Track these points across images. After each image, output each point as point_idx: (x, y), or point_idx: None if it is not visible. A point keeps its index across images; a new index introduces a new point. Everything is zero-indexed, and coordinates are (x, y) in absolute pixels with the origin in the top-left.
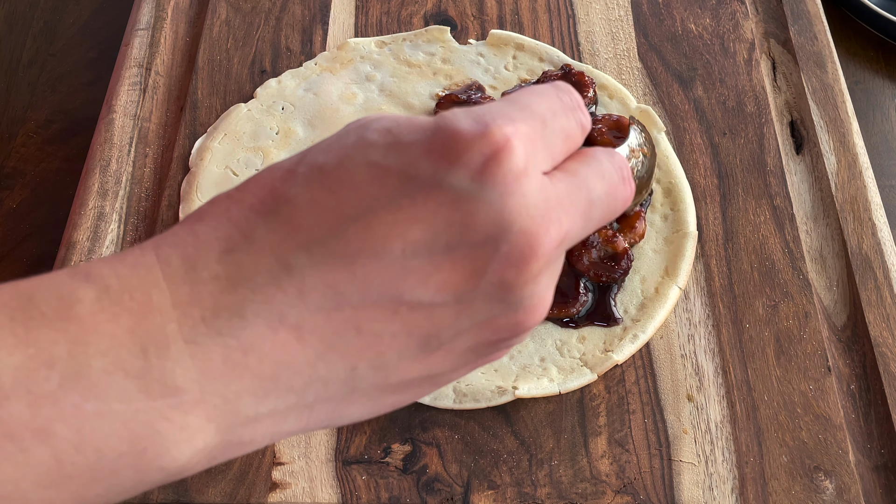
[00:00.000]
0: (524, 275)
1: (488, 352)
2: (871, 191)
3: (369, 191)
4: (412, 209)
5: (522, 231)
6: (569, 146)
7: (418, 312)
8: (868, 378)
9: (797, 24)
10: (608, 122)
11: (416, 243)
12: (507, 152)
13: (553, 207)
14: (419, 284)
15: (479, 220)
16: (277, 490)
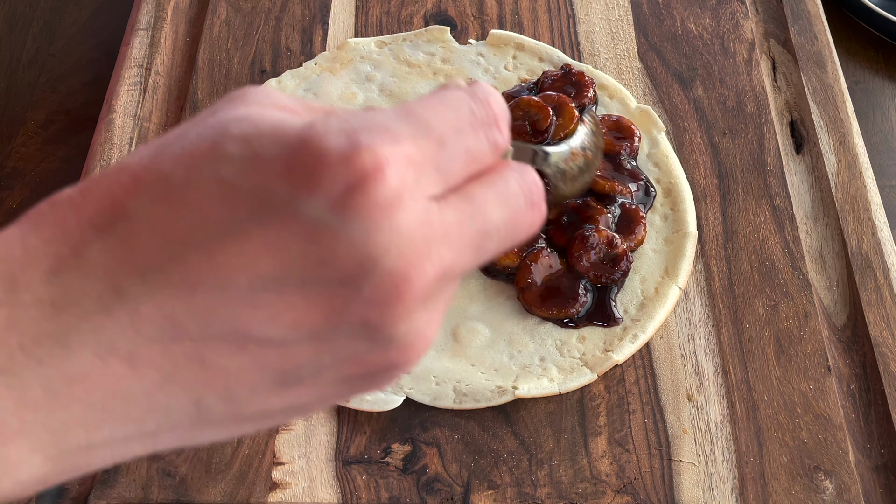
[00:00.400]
0: (391, 316)
1: (363, 384)
2: (871, 191)
3: (217, 213)
4: (262, 238)
5: (388, 271)
6: (472, 169)
7: (269, 349)
8: (868, 378)
9: (797, 24)
10: (608, 122)
11: (265, 277)
12: (374, 181)
13: (433, 240)
14: (269, 321)
15: (337, 256)
16: (277, 490)
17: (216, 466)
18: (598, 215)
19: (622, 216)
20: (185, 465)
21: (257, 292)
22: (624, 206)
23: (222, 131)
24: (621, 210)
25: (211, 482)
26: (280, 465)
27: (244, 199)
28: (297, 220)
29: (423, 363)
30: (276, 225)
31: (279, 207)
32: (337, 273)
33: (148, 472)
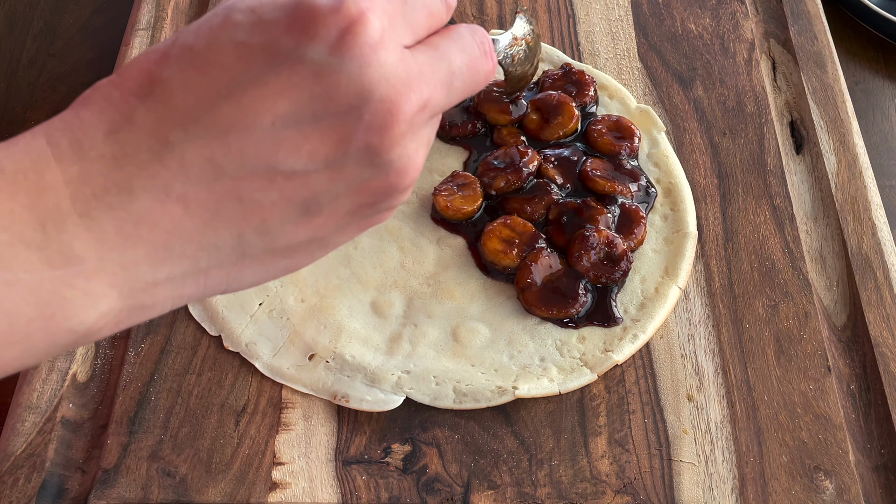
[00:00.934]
0: (388, 138)
1: (369, 214)
2: (871, 191)
3: (237, 69)
4: (277, 84)
5: (382, 98)
6: (431, 23)
7: (294, 180)
8: (868, 378)
9: (797, 24)
10: (608, 122)
11: (284, 116)
12: (361, 24)
13: (413, 76)
14: (291, 154)
15: (340, 91)
16: (277, 490)
17: (216, 466)
18: (598, 215)
19: (622, 216)
20: (185, 465)
21: (278, 130)
22: (624, 206)
23: (231, 7)
24: (621, 210)
25: (211, 482)
26: (280, 465)
27: (257, 55)
28: (304, 64)
29: (424, 364)
30: (287, 71)
31: (287, 57)
32: (341, 105)
33: (148, 472)
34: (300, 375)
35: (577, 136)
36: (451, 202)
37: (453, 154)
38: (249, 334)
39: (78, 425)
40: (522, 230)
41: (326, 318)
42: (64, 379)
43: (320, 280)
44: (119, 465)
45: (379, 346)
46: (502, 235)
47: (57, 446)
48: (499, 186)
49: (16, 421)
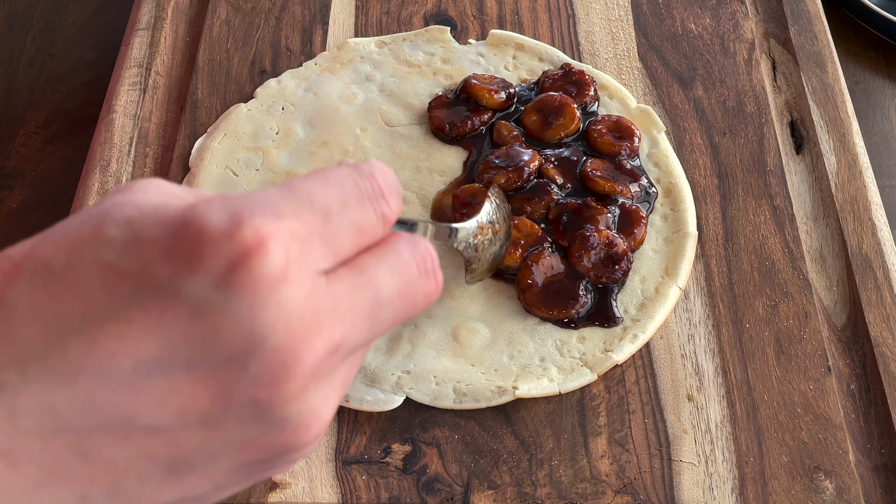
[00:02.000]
0: (281, 394)
1: (260, 469)
2: (871, 191)
3: (97, 298)
4: (145, 321)
5: (275, 348)
6: (361, 240)
7: (157, 437)
8: (868, 378)
9: (797, 24)
10: (608, 122)
11: (148, 360)
12: (258, 256)
13: (323, 315)
14: (155, 407)
15: (222, 335)
16: (277, 490)
17: None
18: (598, 215)
19: (622, 216)
20: None
21: (141, 378)
22: (624, 206)
23: (105, 215)
24: (621, 210)
25: None
26: None
27: (126, 282)
28: (180, 300)
29: (424, 364)
30: (159, 307)
31: (161, 289)
32: (222, 352)
33: None
34: None
35: (578, 137)
36: None
37: (453, 154)
38: None
39: None
40: (529, 232)
41: None
42: None
43: None
44: None
45: (379, 347)
46: None
47: None
48: (499, 184)
49: None
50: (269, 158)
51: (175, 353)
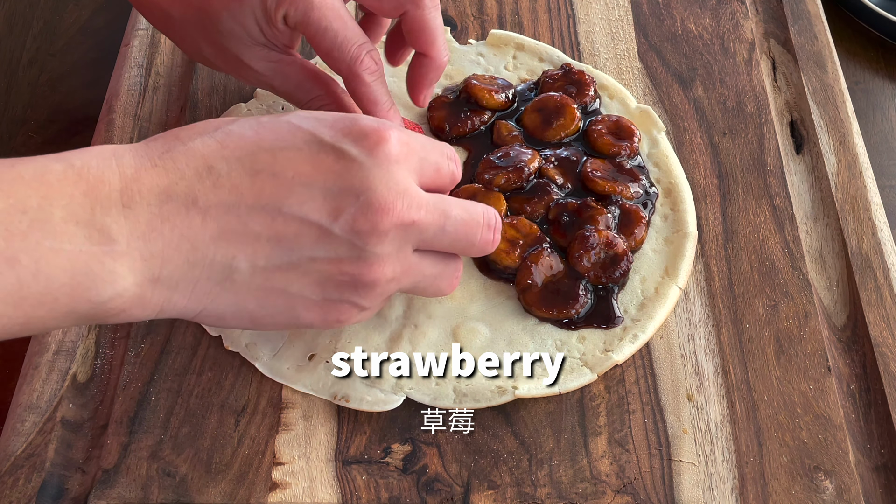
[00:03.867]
0: (373, 227)
1: (333, 296)
2: (871, 191)
3: (284, 136)
4: (311, 155)
5: (379, 194)
6: (436, 179)
7: (290, 224)
8: (868, 378)
9: (797, 24)
10: (608, 122)
11: (304, 175)
12: (388, 142)
13: (411, 197)
14: (297, 203)
15: (352, 175)
16: (277, 490)
17: (216, 466)
18: (598, 215)
19: (622, 216)
20: (185, 465)
21: (296, 184)
22: (624, 206)
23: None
24: (621, 210)
25: (211, 482)
26: (280, 465)
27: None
28: (338, 151)
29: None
30: (324, 152)
31: (328, 143)
32: (348, 185)
33: (148, 472)
34: (300, 375)
35: (578, 137)
36: None
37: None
38: (249, 334)
39: (78, 425)
40: (528, 232)
41: None
42: (64, 379)
43: None
44: (119, 465)
45: (379, 347)
46: (507, 235)
47: (57, 446)
48: (499, 183)
49: (16, 421)
50: None
51: (321, 178)
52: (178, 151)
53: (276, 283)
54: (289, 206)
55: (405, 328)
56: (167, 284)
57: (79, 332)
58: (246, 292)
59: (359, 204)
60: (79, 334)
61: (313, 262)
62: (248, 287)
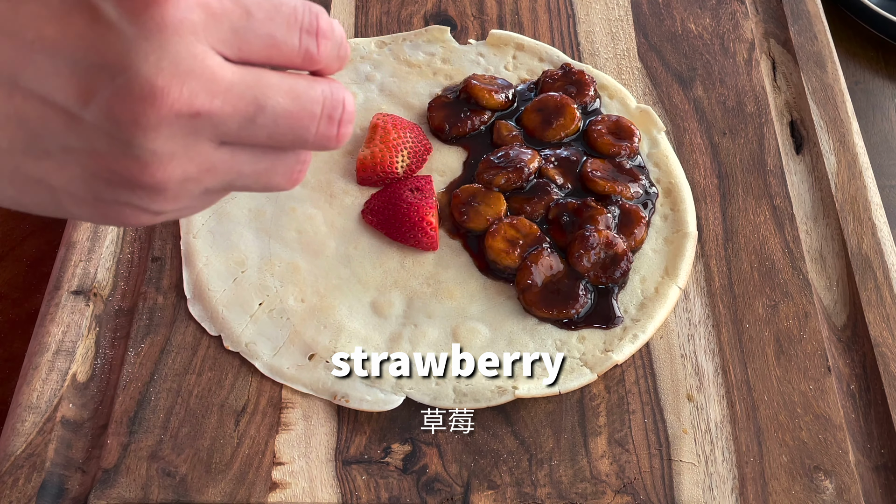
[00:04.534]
0: (135, 119)
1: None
2: (871, 191)
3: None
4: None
5: (143, 75)
6: (272, 55)
7: (31, 102)
8: (868, 378)
9: (797, 24)
10: (607, 122)
11: (46, 40)
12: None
13: (198, 78)
14: (36, 76)
15: (106, 46)
16: (277, 490)
17: (216, 466)
18: (597, 215)
19: (622, 216)
20: (185, 465)
21: (36, 50)
22: (624, 206)
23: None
24: (621, 210)
25: (211, 482)
26: (280, 465)
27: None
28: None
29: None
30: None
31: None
32: (99, 58)
33: (148, 472)
34: (300, 375)
35: (578, 137)
36: None
37: (453, 154)
38: (249, 334)
39: (78, 425)
40: (528, 232)
41: (326, 318)
42: (64, 379)
43: (320, 280)
44: (119, 465)
45: (379, 347)
46: (507, 235)
47: (57, 446)
48: (499, 183)
49: (16, 421)
50: None
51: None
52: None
53: (29, 172)
54: (26, 80)
55: (405, 328)
56: None
57: (79, 332)
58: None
59: (114, 87)
60: (78, 334)
61: (68, 152)
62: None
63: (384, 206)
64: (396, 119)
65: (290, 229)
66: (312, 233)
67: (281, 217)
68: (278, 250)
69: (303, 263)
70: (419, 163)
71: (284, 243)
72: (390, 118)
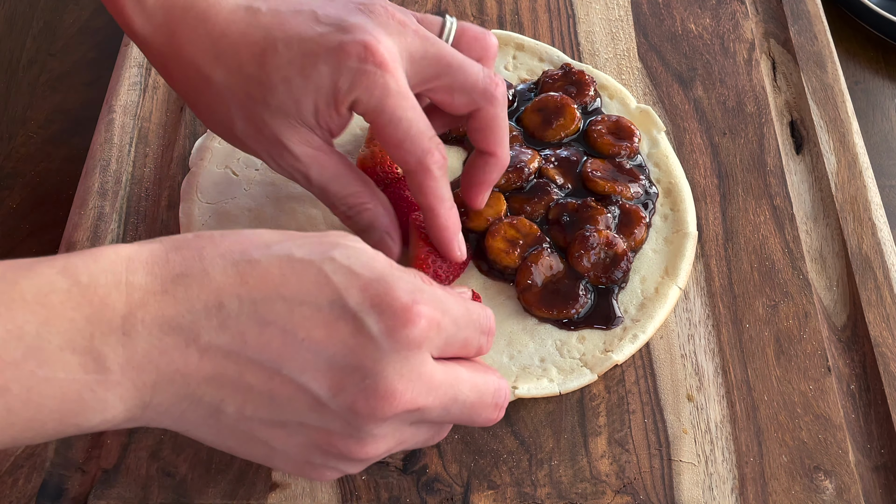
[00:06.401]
0: (372, 412)
1: (316, 460)
2: (871, 191)
3: (309, 288)
4: (327, 319)
5: (387, 381)
6: (461, 352)
7: (287, 387)
8: (868, 378)
9: (797, 24)
10: (607, 123)
11: (313, 341)
12: (415, 325)
13: (422, 382)
14: (299, 369)
15: (365, 354)
16: (277, 490)
17: (216, 466)
18: (597, 215)
19: (622, 216)
20: (185, 465)
21: (303, 348)
22: (624, 206)
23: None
24: (621, 210)
25: (211, 482)
26: None
27: (329, 290)
28: (356, 322)
29: None
30: (342, 318)
31: (350, 309)
32: (356, 363)
33: (148, 472)
34: None
35: (578, 137)
36: None
37: (453, 154)
38: None
39: None
40: (528, 232)
41: None
42: None
43: None
44: (119, 465)
45: None
46: (507, 235)
47: (57, 446)
48: (499, 184)
49: None
50: None
51: (331, 348)
52: (194, 278)
53: (259, 435)
54: (289, 369)
55: None
56: (156, 411)
57: None
58: (228, 433)
59: (363, 386)
60: None
61: (302, 427)
62: (231, 429)
63: None
64: None
65: (291, 229)
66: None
67: (281, 217)
68: None
69: None
70: None
71: None
72: None
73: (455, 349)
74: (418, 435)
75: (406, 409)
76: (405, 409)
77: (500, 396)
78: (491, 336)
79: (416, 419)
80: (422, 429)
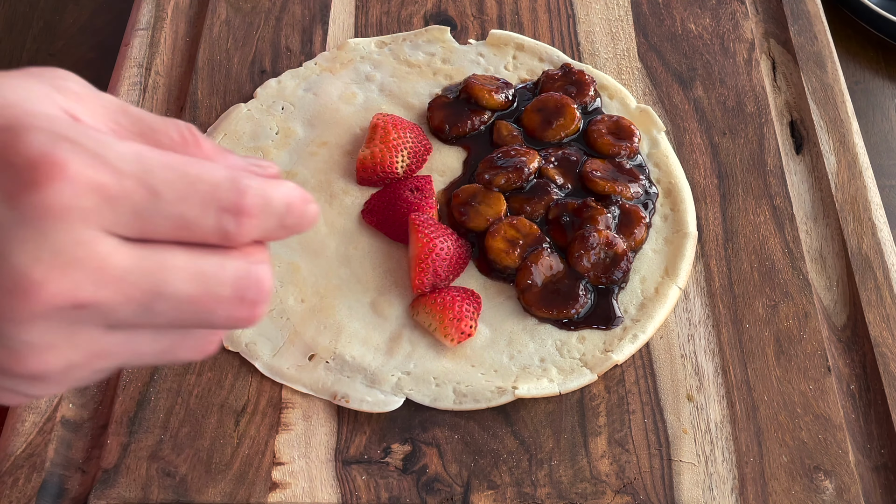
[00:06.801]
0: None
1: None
2: (871, 191)
3: None
4: None
5: (17, 266)
6: (180, 234)
7: None
8: (868, 378)
9: (797, 24)
10: (607, 122)
11: None
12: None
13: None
14: None
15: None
16: (277, 490)
17: (216, 466)
18: (597, 215)
19: (622, 216)
20: (185, 465)
21: None
22: (624, 206)
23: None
24: (621, 210)
25: (211, 482)
26: (280, 465)
27: None
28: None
29: (424, 364)
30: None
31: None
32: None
33: (148, 472)
34: (300, 375)
35: (578, 137)
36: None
37: (453, 154)
38: (249, 334)
39: (78, 425)
40: (528, 232)
41: (326, 319)
42: None
43: (320, 280)
44: (119, 465)
45: (379, 347)
46: (507, 235)
47: (57, 446)
48: (499, 183)
49: (16, 421)
50: (268, 158)
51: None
52: None
53: None
54: None
55: (405, 328)
56: None
57: None
58: None
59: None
60: None
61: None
62: None
63: (384, 206)
64: (396, 119)
65: None
66: (312, 233)
67: None
68: (278, 250)
69: (303, 263)
70: (419, 163)
71: (284, 243)
72: (390, 118)
73: (164, 229)
74: (133, 343)
75: (60, 305)
76: (58, 305)
77: (246, 287)
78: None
79: (98, 320)
80: (134, 335)
